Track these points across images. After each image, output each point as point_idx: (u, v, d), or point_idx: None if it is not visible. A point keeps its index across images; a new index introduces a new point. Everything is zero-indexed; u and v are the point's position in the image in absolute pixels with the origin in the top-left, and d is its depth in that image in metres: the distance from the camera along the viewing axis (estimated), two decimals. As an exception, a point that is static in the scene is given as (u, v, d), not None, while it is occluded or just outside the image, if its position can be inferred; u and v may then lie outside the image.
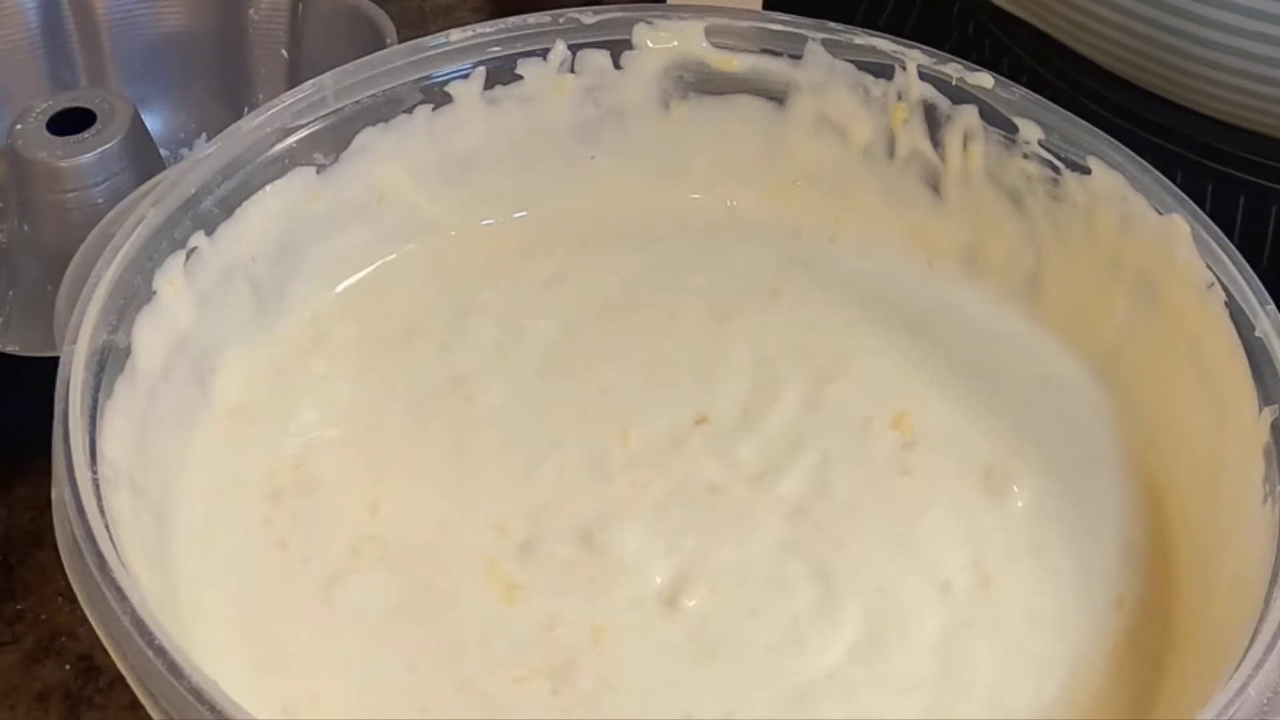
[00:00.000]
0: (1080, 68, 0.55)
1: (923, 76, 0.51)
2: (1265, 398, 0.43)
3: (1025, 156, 0.50)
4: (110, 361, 0.43)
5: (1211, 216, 0.46)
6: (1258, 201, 0.54)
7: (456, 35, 0.51)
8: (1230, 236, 0.46)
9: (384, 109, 0.51)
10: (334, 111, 0.50)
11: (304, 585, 0.44)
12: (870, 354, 0.50)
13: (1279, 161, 0.53)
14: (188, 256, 0.47)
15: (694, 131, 0.54)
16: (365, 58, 0.51)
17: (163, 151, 0.61)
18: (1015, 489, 0.47)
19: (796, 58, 0.52)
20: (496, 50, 0.51)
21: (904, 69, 0.51)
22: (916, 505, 0.46)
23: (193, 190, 0.47)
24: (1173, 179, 0.47)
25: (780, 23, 0.52)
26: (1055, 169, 0.49)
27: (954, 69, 0.51)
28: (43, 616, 0.52)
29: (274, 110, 0.49)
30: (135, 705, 0.37)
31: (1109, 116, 0.54)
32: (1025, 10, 0.56)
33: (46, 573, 0.52)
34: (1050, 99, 0.50)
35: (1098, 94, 0.54)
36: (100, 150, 0.56)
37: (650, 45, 0.52)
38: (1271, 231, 0.54)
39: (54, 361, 0.42)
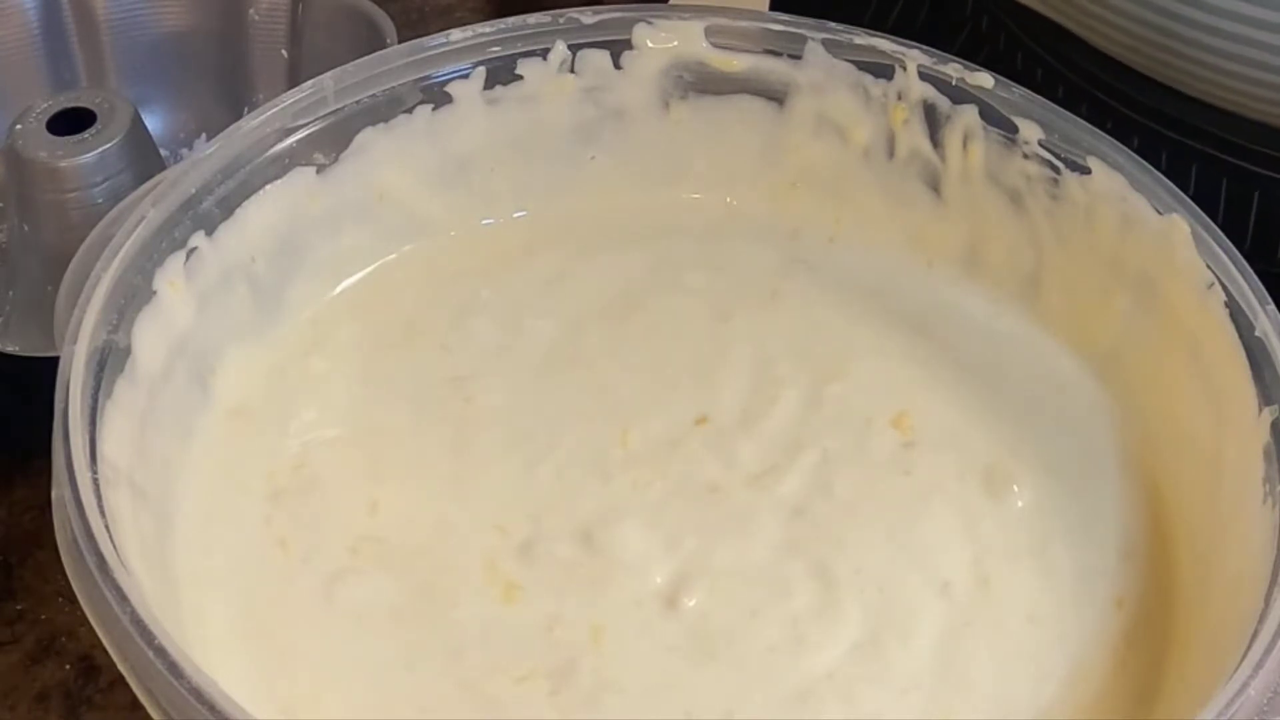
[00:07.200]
0: (1096, 61, 0.55)
1: (923, 76, 0.51)
2: (1265, 398, 0.43)
3: (1025, 156, 0.50)
4: (110, 361, 0.43)
5: (1195, 200, 0.46)
6: (1241, 185, 0.54)
7: (456, 35, 0.51)
8: (1213, 220, 0.46)
9: (384, 109, 0.51)
10: (334, 111, 0.50)
11: (304, 585, 0.44)
12: (870, 354, 0.50)
13: (1263, 145, 0.53)
14: (188, 256, 0.47)
15: (694, 131, 0.54)
16: (365, 58, 0.51)
17: (163, 151, 0.61)
18: (1015, 489, 0.47)
19: (796, 58, 0.52)
20: (496, 50, 0.51)
21: (904, 69, 0.51)
22: (916, 505, 0.46)
23: (193, 190, 0.47)
24: (1169, 165, 0.47)
25: (780, 23, 0.52)
26: (1055, 169, 0.49)
27: (954, 69, 0.51)
28: (43, 616, 0.52)
29: (274, 110, 0.49)
30: (135, 705, 0.37)
31: (1122, 109, 0.54)
32: (1040, 2, 0.56)
33: (46, 573, 0.52)
34: (1064, 92, 0.50)
35: (1111, 86, 0.54)
36: (100, 150, 0.56)
37: (650, 45, 0.52)
38: (1255, 215, 0.54)
39: (54, 361, 0.42)
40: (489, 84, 0.52)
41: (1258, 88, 0.51)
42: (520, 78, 0.52)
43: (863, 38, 0.51)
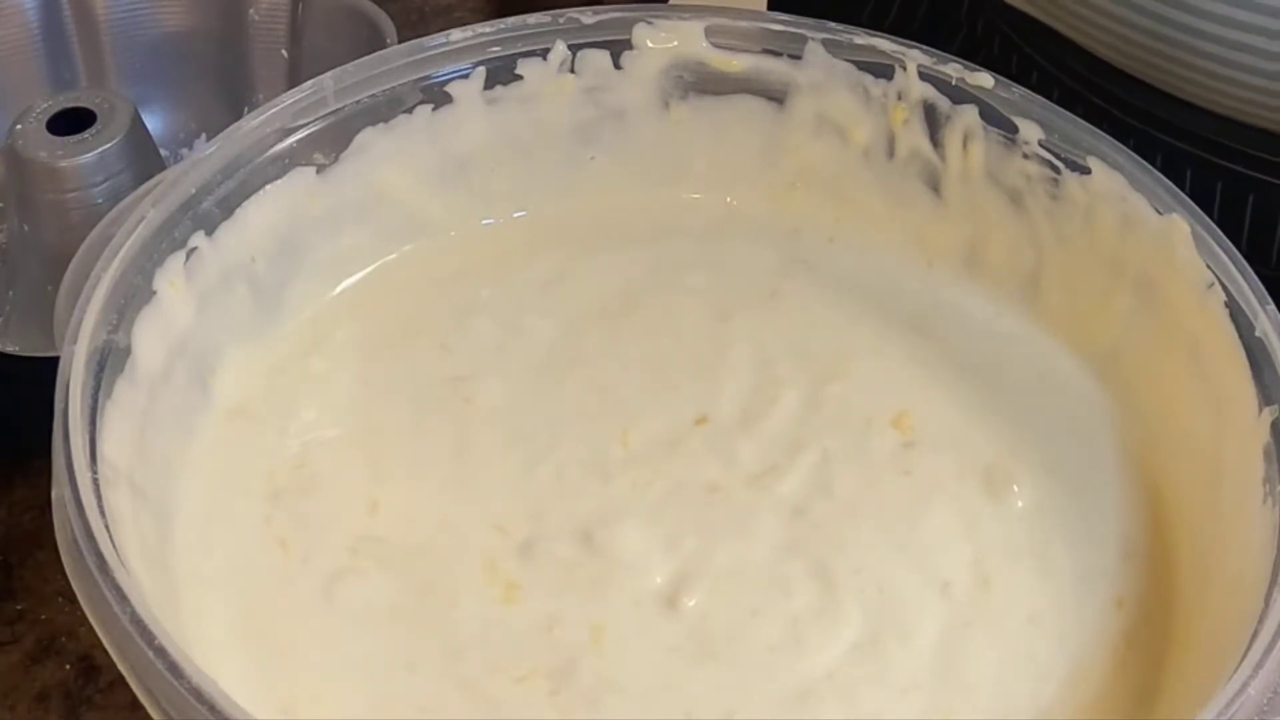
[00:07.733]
0: (1088, 64, 0.55)
1: (923, 76, 0.51)
2: (1265, 398, 0.43)
3: (1025, 156, 0.50)
4: (110, 361, 0.43)
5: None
6: (1236, 189, 0.54)
7: (456, 35, 0.51)
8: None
9: (384, 109, 0.51)
10: (334, 111, 0.50)
11: (304, 585, 0.44)
12: (870, 354, 0.50)
13: (1257, 149, 0.53)
14: (188, 256, 0.47)
15: (694, 132, 0.54)
16: (365, 58, 0.51)
17: (163, 151, 0.61)
18: (1015, 489, 0.47)
19: (796, 58, 0.52)
20: (496, 50, 0.51)
21: (904, 69, 0.51)
22: (916, 505, 0.46)
23: (193, 190, 0.47)
24: (1164, 169, 0.47)
25: (780, 23, 0.52)
26: (1055, 169, 0.49)
27: (954, 69, 0.51)
28: (43, 616, 0.52)
29: (274, 110, 0.49)
30: (135, 705, 0.37)
31: (1116, 112, 0.54)
32: (1034, 6, 0.56)
33: (46, 573, 0.52)
34: (1059, 96, 0.50)
35: (1106, 90, 0.54)
36: (100, 150, 0.56)
37: (650, 45, 0.52)
38: (1249, 218, 0.54)
39: (54, 361, 0.42)
40: (489, 84, 0.52)
41: (1245, 90, 0.51)
42: (520, 78, 0.52)
43: (862, 38, 0.51)
